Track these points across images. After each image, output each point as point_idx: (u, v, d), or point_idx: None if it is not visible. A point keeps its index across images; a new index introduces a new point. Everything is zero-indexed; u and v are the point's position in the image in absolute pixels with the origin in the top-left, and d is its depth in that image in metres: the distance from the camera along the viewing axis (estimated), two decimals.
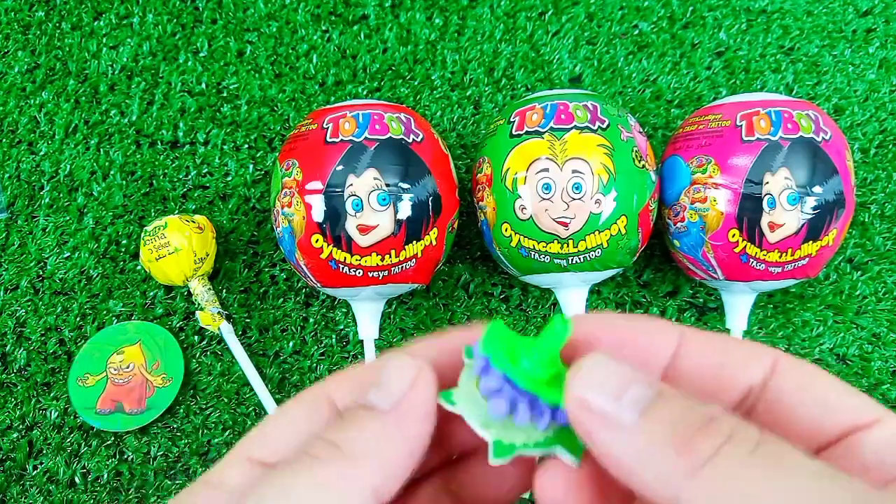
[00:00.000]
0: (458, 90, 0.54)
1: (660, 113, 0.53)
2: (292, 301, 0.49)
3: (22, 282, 0.50)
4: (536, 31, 0.55)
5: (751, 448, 0.14)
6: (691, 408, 0.15)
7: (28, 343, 0.48)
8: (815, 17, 0.56)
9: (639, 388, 0.15)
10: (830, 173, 0.40)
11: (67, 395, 0.46)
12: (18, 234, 0.51)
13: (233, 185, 0.52)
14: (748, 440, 0.14)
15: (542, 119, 0.41)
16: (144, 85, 0.54)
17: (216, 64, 0.55)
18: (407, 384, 0.16)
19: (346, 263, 0.41)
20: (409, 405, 0.16)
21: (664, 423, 0.14)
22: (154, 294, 0.49)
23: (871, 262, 0.49)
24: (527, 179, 0.40)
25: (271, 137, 0.53)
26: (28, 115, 0.54)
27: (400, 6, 0.56)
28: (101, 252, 0.50)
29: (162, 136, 0.53)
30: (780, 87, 0.54)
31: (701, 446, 0.14)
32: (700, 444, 0.14)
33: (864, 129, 0.53)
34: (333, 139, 0.41)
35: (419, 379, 0.17)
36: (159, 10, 0.56)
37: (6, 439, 0.46)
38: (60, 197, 0.52)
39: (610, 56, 0.55)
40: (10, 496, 0.45)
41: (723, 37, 0.55)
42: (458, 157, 0.52)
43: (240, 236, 0.51)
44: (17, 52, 0.55)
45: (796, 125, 0.40)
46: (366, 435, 0.16)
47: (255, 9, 0.56)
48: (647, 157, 0.43)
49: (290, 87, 0.54)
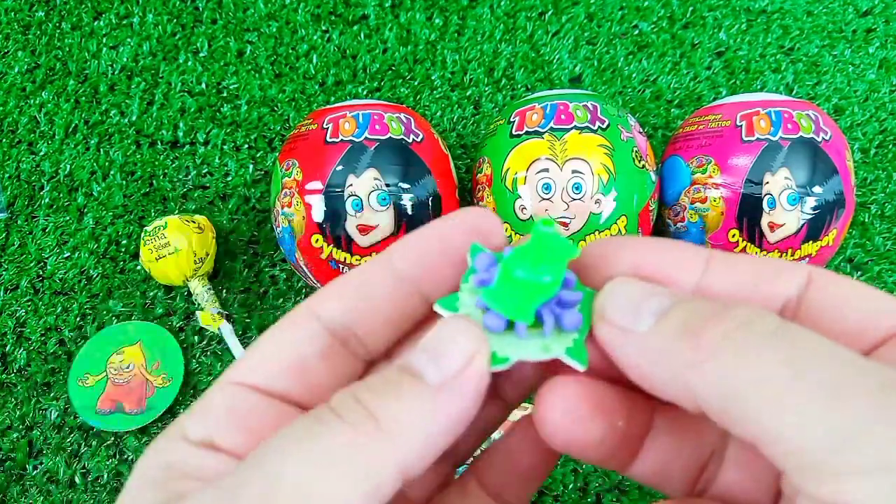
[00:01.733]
0: (458, 90, 0.54)
1: (660, 113, 0.53)
2: (292, 301, 0.49)
3: (22, 282, 0.50)
4: (536, 31, 0.55)
5: (769, 332, 0.13)
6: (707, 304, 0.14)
7: (28, 343, 0.48)
8: (815, 17, 0.56)
9: (658, 299, 0.15)
10: (830, 173, 0.40)
11: (67, 395, 0.46)
12: (18, 234, 0.51)
13: (233, 185, 0.52)
14: (766, 326, 0.13)
15: (542, 119, 0.41)
16: (144, 85, 0.54)
17: (216, 64, 0.55)
18: (464, 360, 0.14)
19: (347, 263, 0.41)
20: (462, 383, 0.14)
21: (677, 320, 0.14)
22: (154, 294, 0.49)
23: (871, 262, 0.49)
24: (527, 179, 0.40)
25: (271, 137, 0.53)
26: (28, 115, 0.54)
27: (400, 6, 0.56)
28: (101, 252, 0.50)
29: (162, 136, 0.53)
30: (780, 87, 0.54)
31: (711, 332, 0.13)
32: (711, 331, 0.13)
33: (864, 129, 0.53)
34: (333, 139, 0.41)
35: (478, 354, 0.15)
36: (159, 10, 0.56)
37: (6, 439, 0.46)
38: (60, 197, 0.52)
39: (610, 56, 0.55)
40: (10, 496, 0.45)
41: (723, 37, 0.55)
42: (458, 157, 0.52)
43: (240, 236, 0.51)
44: (17, 52, 0.55)
45: (796, 125, 0.40)
46: (407, 408, 0.14)
47: (255, 9, 0.56)
48: (647, 157, 0.43)
49: (290, 87, 0.54)
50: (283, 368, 0.16)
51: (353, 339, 0.17)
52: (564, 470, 0.45)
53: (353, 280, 0.17)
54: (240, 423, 0.16)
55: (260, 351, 0.17)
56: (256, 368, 0.16)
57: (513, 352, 0.16)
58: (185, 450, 0.15)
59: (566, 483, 0.45)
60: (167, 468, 0.15)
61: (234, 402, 0.16)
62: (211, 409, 0.16)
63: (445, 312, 0.16)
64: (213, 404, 0.16)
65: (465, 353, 0.15)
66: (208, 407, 0.16)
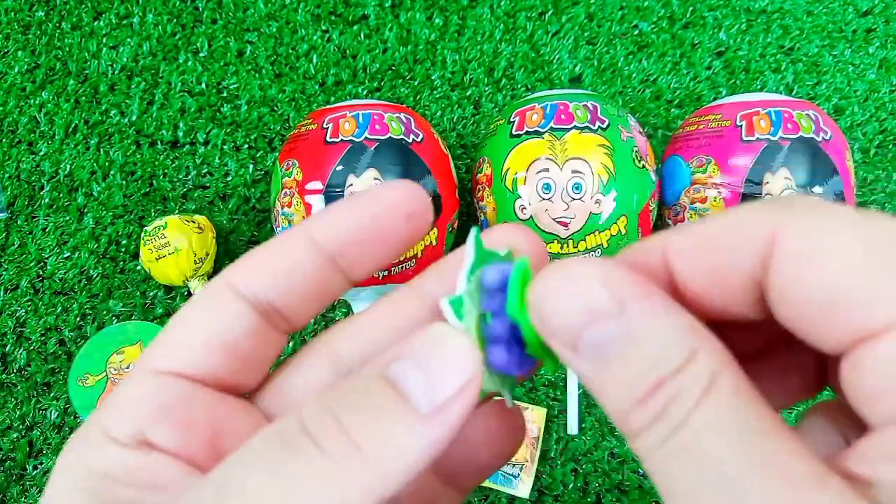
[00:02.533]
0: (458, 90, 0.54)
1: (660, 113, 0.53)
2: None
3: (22, 282, 0.50)
4: (536, 31, 0.55)
5: (662, 440, 0.12)
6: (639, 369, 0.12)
7: (28, 343, 0.48)
8: (815, 17, 0.56)
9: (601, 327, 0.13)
10: (830, 173, 0.40)
11: (67, 395, 0.46)
12: (18, 234, 0.51)
13: (233, 185, 0.52)
14: (662, 430, 0.12)
15: (542, 119, 0.41)
16: (144, 85, 0.54)
17: (216, 64, 0.55)
18: (459, 388, 0.13)
19: None
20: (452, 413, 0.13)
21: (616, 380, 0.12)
22: (154, 294, 0.49)
23: None
24: (527, 179, 0.40)
25: (271, 137, 0.53)
26: (28, 115, 0.54)
27: (400, 6, 0.56)
28: (101, 252, 0.50)
29: (162, 136, 0.53)
30: (780, 87, 0.54)
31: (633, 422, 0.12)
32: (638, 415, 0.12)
33: (864, 129, 0.53)
34: (333, 139, 0.41)
35: (473, 384, 0.13)
36: (159, 10, 0.56)
37: (6, 439, 0.46)
38: (60, 197, 0.52)
39: (610, 56, 0.55)
40: (10, 496, 0.45)
41: (723, 37, 0.55)
42: (458, 157, 0.52)
43: (240, 236, 0.51)
44: (17, 52, 0.55)
45: (796, 125, 0.40)
46: (392, 434, 0.13)
47: (255, 9, 0.56)
48: (647, 157, 0.43)
49: (290, 87, 0.54)
50: (208, 350, 0.15)
51: (275, 314, 0.16)
52: (564, 470, 0.45)
53: (271, 251, 0.16)
54: (171, 416, 0.14)
55: (179, 333, 0.15)
56: (177, 353, 0.15)
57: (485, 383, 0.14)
58: (114, 451, 0.14)
59: (566, 483, 0.45)
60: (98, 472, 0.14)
61: (161, 393, 0.14)
62: (134, 403, 0.14)
63: (451, 317, 0.15)
64: (135, 397, 0.14)
65: (461, 381, 0.13)
66: (129, 401, 0.14)
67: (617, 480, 0.45)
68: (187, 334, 0.15)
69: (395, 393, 0.13)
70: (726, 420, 0.11)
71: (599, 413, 0.47)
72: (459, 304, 0.15)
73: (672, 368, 0.12)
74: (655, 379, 0.12)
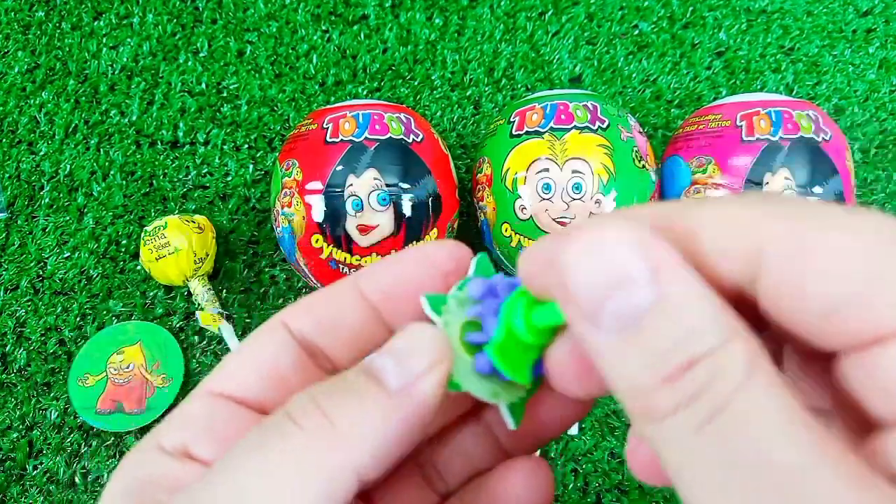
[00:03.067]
0: (458, 90, 0.54)
1: (660, 113, 0.53)
2: (292, 301, 0.49)
3: (22, 282, 0.50)
4: (536, 31, 0.55)
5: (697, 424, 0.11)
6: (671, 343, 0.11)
7: (28, 343, 0.48)
8: (815, 17, 0.56)
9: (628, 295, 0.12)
10: (830, 173, 0.40)
11: (67, 395, 0.46)
12: (18, 234, 0.51)
13: (233, 185, 0.52)
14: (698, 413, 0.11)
15: (542, 119, 0.41)
16: (144, 85, 0.54)
17: (216, 64, 0.55)
18: (426, 367, 0.14)
19: (346, 263, 0.41)
20: (420, 390, 0.14)
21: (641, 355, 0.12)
22: (154, 294, 0.49)
23: None
24: (527, 179, 0.40)
25: (271, 137, 0.53)
26: (28, 115, 0.54)
27: (400, 6, 0.56)
28: (101, 252, 0.50)
29: (162, 136, 0.53)
30: (780, 87, 0.54)
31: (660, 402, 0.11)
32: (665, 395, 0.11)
33: (864, 129, 0.53)
34: (333, 139, 0.41)
35: (441, 363, 0.14)
36: (159, 10, 0.56)
37: (6, 439, 0.46)
38: (60, 197, 0.52)
39: (610, 56, 0.55)
40: (10, 496, 0.45)
41: (723, 37, 0.55)
42: (458, 157, 0.52)
43: (240, 236, 0.51)
44: (17, 52, 0.55)
45: (796, 125, 0.40)
46: (362, 411, 0.14)
47: (255, 9, 0.56)
48: (647, 157, 0.43)
49: (290, 87, 0.54)
50: (258, 378, 0.16)
51: (320, 354, 0.17)
52: (564, 470, 0.45)
53: (323, 298, 0.18)
54: (215, 433, 0.16)
55: (236, 361, 0.17)
56: (232, 378, 0.17)
57: (467, 383, 0.16)
58: (160, 460, 0.15)
59: (566, 483, 0.45)
60: (142, 478, 0.15)
61: (211, 412, 0.16)
62: (187, 419, 0.16)
63: (427, 309, 0.16)
64: (189, 414, 0.16)
65: (428, 361, 0.14)
66: (185, 416, 0.16)
67: (617, 480, 0.45)
68: (241, 362, 0.17)
69: (368, 378, 0.14)
70: (773, 407, 0.11)
71: (599, 413, 0.47)
72: (438, 301, 0.16)
73: (708, 347, 0.11)
74: (689, 356, 0.11)
